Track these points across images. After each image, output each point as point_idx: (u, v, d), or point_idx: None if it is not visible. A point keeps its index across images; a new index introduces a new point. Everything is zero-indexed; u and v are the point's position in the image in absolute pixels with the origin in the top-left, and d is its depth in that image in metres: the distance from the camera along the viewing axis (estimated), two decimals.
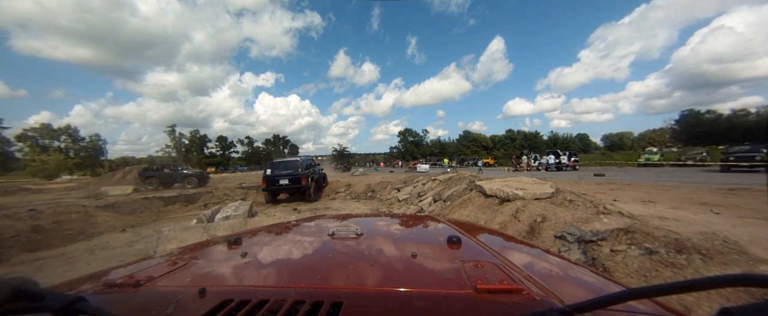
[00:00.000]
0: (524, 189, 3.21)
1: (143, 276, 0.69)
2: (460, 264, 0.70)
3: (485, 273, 0.63)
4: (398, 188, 8.77)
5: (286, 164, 9.32)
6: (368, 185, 10.57)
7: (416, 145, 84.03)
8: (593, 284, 0.76)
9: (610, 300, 0.35)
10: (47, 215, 5.81)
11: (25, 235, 5.00)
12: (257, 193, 12.07)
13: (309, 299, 0.54)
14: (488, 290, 0.55)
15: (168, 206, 8.67)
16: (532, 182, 3.67)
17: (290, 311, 0.51)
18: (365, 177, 17.30)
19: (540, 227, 2.35)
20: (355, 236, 0.99)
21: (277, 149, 73.20)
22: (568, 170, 22.22)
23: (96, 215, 6.49)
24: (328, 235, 1.02)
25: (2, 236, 4.76)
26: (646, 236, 1.85)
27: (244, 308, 0.52)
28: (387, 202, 7.78)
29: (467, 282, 0.59)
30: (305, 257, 0.86)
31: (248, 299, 0.55)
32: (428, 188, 7.28)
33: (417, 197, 7.04)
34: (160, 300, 0.58)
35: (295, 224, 1.39)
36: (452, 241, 0.87)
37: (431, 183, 7.64)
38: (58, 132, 51.11)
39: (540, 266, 0.87)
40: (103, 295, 0.64)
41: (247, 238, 1.09)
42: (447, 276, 0.65)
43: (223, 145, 70.38)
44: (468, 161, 47.96)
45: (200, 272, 0.77)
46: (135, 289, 0.64)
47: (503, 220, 2.78)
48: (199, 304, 0.55)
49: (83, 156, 51.09)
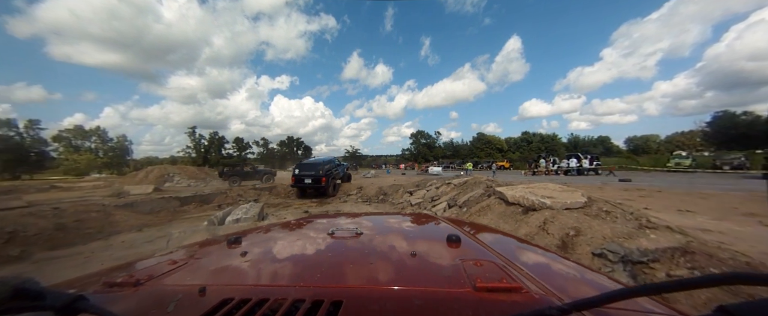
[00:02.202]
0: (552, 197, 2.92)
1: (144, 275, 0.68)
2: (460, 263, 0.70)
3: (484, 272, 0.63)
4: (411, 191, 8.54)
5: (310, 165, 11.14)
6: (380, 188, 10.40)
7: (428, 148, 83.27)
8: (592, 282, 0.76)
9: (608, 298, 0.35)
10: (69, 214, 5.99)
11: (48, 233, 5.16)
12: (270, 194, 12.18)
13: (309, 298, 0.54)
14: (487, 289, 0.55)
15: (183, 206, 8.84)
16: (560, 190, 3.37)
17: (290, 309, 0.51)
18: (377, 179, 17.15)
19: (573, 242, 2.08)
20: (354, 235, 0.98)
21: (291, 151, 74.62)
22: (590, 175, 21.15)
23: (115, 214, 6.67)
24: (328, 234, 1.01)
25: (27, 234, 4.92)
26: (709, 258, 1.55)
27: (245, 307, 0.52)
28: (399, 206, 7.57)
29: (467, 281, 0.59)
30: (305, 256, 0.86)
31: (248, 297, 0.55)
32: (442, 192, 7.02)
33: (430, 201, 6.79)
34: (160, 299, 0.58)
35: (295, 223, 1.37)
36: (452, 240, 0.86)
37: (445, 187, 7.37)
38: (89, 133, 54.29)
39: (539, 264, 0.88)
40: (103, 294, 0.64)
41: (247, 237, 1.08)
42: (446, 275, 0.65)
43: (239, 146, 72.39)
44: (482, 163, 46.84)
45: (200, 271, 0.76)
46: (135, 288, 0.64)
47: (529, 231, 2.52)
48: (199, 303, 0.55)
49: (111, 156, 53.96)
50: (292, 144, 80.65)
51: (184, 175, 22.94)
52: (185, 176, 22.61)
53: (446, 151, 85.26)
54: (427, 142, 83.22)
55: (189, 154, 61.80)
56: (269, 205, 9.26)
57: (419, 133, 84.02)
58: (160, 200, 8.56)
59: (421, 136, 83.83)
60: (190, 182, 21.81)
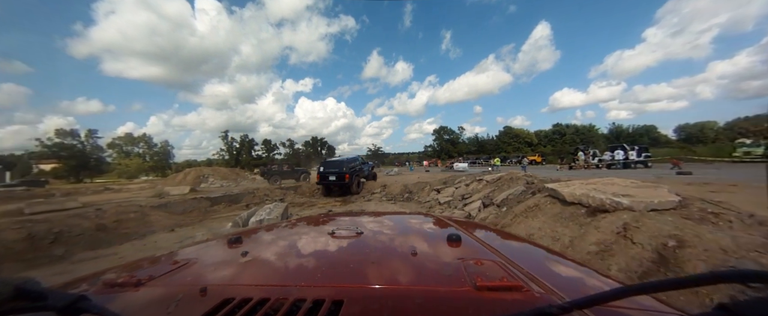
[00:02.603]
0: (629, 195, 2.32)
1: (145, 275, 0.68)
2: (460, 262, 0.70)
3: (485, 271, 0.63)
4: (438, 189, 8.05)
5: (334, 163, 11.58)
6: (405, 186, 10.00)
7: (452, 144, 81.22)
8: (592, 280, 0.76)
9: (608, 296, 0.35)
10: (110, 215, 6.32)
11: (90, 233, 5.43)
12: (295, 193, 12.30)
13: (310, 298, 0.54)
14: (488, 288, 0.55)
15: (214, 206, 9.12)
16: (633, 185, 2.75)
17: (291, 309, 0.51)
18: (400, 177, 16.78)
19: (677, 257, 1.53)
20: (355, 235, 0.97)
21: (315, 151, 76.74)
22: (639, 168, 18.98)
23: (150, 215, 6.96)
24: (328, 234, 1.00)
25: (71, 234, 5.20)
26: None
27: (245, 307, 0.52)
28: (426, 205, 7.13)
29: (467, 280, 0.59)
30: (306, 256, 0.85)
31: (249, 297, 0.55)
32: (473, 189, 6.46)
33: (460, 199, 6.28)
34: (161, 299, 0.59)
35: (296, 222, 1.37)
36: (452, 239, 0.86)
37: (476, 184, 6.80)
38: (137, 140, 59.93)
39: (539, 263, 0.88)
40: (105, 294, 0.64)
41: (247, 237, 1.08)
42: (447, 274, 0.66)
43: (268, 148, 76.03)
44: (510, 158, 44.40)
45: (201, 271, 0.76)
46: (137, 288, 0.64)
47: (602, 239, 1.99)
48: (200, 303, 0.55)
49: (156, 160, 59.07)
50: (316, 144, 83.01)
51: (217, 176, 24.28)
52: (218, 177, 23.91)
53: (471, 147, 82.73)
54: (450, 138, 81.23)
55: (223, 156, 66.27)
56: (294, 204, 9.27)
57: (442, 129, 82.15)
58: (192, 200, 8.90)
59: (444, 132, 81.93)
60: (222, 182, 23.01)
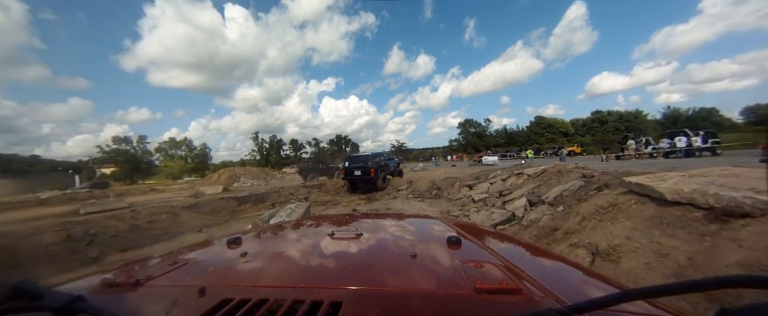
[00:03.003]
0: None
1: (143, 275, 0.67)
2: (460, 264, 0.69)
3: (484, 273, 0.63)
4: (470, 184, 7.35)
5: (359, 158, 11.65)
6: (432, 182, 9.38)
7: (479, 137, 78.09)
8: (593, 284, 0.74)
9: (609, 301, 0.35)
10: (144, 215, 6.51)
11: (123, 234, 5.57)
12: (319, 191, 12.23)
13: (308, 299, 0.54)
14: (487, 291, 0.55)
15: (241, 206, 9.24)
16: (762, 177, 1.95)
17: (289, 310, 0.51)
18: (426, 173, 16.09)
19: None
20: (354, 236, 0.97)
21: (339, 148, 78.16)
22: (706, 156, 16.40)
23: (181, 215, 7.10)
24: (328, 235, 1.01)
25: (106, 236, 5.35)
26: None
27: (244, 308, 0.52)
28: (458, 202, 6.48)
29: (466, 282, 0.59)
30: (305, 257, 0.85)
31: (248, 298, 0.55)
32: (512, 185, 5.70)
33: (498, 196, 5.56)
34: (159, 299, 0.58)
35: (295, 224, 1.37)
36: (452, 241, 0.86)
37: (515, 179, 6.02)
38: (180, 143, 65.21)
39: (539, 266, 0.88)
40: (102, 294, 0.63)
41: (247, 237, 1.08)
42: (446, 276, 0.66)
43: (295, 147, 79.05)
44: (545, 150, 41.30)
45: (200, 271, 0.76)
46: (134, 288, 0.63)
47: (754, 257, 1.32)
48: (198, 303, 0.55)
49: (196, 162, 63.90)
50: (341, 142, 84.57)
51: (248, 175, 25.38)
52: (249, 177, 24.97)
53: (499, 140, 79.04)
54: (476, 131, 78.12)
55: (254, 156, 70.18)
56: (317, 203, 9.09)
57: (467, 122, 79.16)
58: (220, 200, 9.07)
59: (470, 125, 78.89)
60: (253, 181, 23.98)
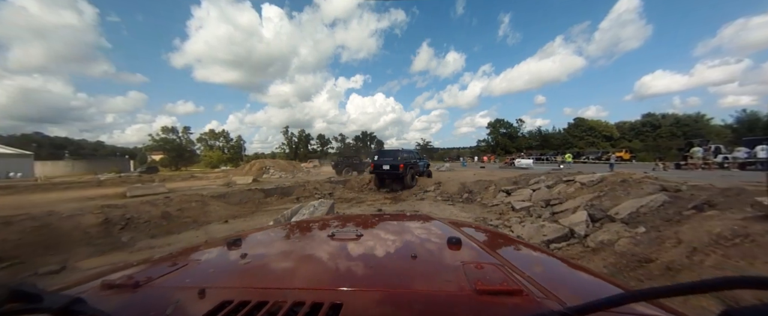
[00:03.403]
0: None
1: (143, 277, 0.67)
2: (460, 265, 0.70)
3: (485, 274, 0.63)
4: (507, 190, 6.61)
5: (389, 152, 12.03)
6: (462, 184, 8.71)
7: (510, 138, 74.06)
8: (594, 285, 0.75)
9: (610, 302, 0.35)
10: (175, 203, 6.69)
11: (155, 221, 5.70)
12: (344, 187, 12.06)
13: (309, 301, 0.53)
14: (488, 292, 0.54)
15: (267, 198, 9.31)
16: None
17: (290, 312, 0.51)
18: (453, 173, 15.29)
19: None
20: (355, 237, 0.96)
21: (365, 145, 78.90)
22: None
23: (210, 204, 7.23)
24: (328, 236, 1.00)
25: (139, 221, 5.51)
26: None
27: (244, 309, 0.52)
28: (494, 209, 5.81)
29: (467, 283, 0.59)
30: (305, 258, 0.85)
31: (248, 300, 0.55)
32: (562, 193, 4.94)
33: (544, 205, 4.84)
34: (159, 301, 0.58)
35: (295, 225, 1.37)
36: (452, 242, 0.86)
37: (564, 186, 5.23)
38: (218, 135, 70.09)
39: (540, 267, 0.86)
40: (102, 296, 0.63)
41: (247, 239, 1.07)
42: (447, 277, 0.65)
43: (322, 142, 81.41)
44: (586, 154, 37.80)
45: (200, 272, 0.76)
46: (134, 290, 0.63)
47: None
48: (198, 305, 0.55)
49: (232, 152, 68.24)
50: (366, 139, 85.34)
51: (277, 167, 26.27)
52: (278, 169, 25.83)
53: (532, 142, 74.42)
54: (507, 131, 74.15)
55: (284, 149, 73.56)
56: (341, 200, 8.86)
57: (497, 121, 75.33)
58: (248, 191, 9.20)
59: (501, 125, 75.02)
60: (281, 173, 24.76)
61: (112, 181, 20.19)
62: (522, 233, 3.71)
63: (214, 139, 69.77)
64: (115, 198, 11.57)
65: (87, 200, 11.28)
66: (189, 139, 66.78)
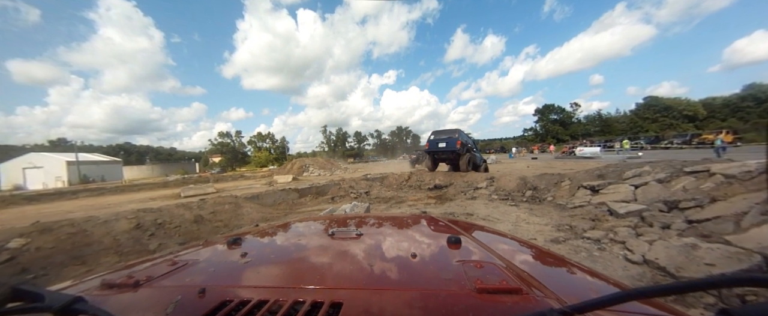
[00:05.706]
0: None
1: (143, 276, 0.68)
2: (460, 264, 0.70)
3: (485, 273, 0.63)
4: (591, 186, 5.04)
5: (444, 131, 11.29)
6: (522, 179, 7.20)
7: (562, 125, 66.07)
8: (593, 284, 0.75)
9: (609, 301, 0.35)
10: (209, 205, 6.49)
11: (186, 225, 5.47)
12: (381, 185, 11.26)
13: (309, 300, 0.54)
14: (488, 291, 0.55)
15: (301, 198, 8.93)
16: None
17: (290, 311, 0.51)
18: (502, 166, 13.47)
19: None
20: (355, 237, 0.97)
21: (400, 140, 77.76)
22: None
23: (243, 206, 6.95)
24: (328, 235, 1.02)
25: (170, 226, 5.29)
26: None
27: (244, 309, 0.52)
28: (580, 212, 4.33)
29: (467, 282, 0.59)
30: (305, 258, 0.85)
31: (248, 299, 0.55)
32: (694, 192, 3.38)
33: (669, 209, 3.35)
34: (159, 300, 0.58)
35: (295, 224, 1.38)
36: (452, 241, 0.86)
37: (695, 181, 3.63)
38: (265, 137, 75.55)
39: (540, 266, 0.88)
40: (102, 295, 0.63)
41: (247, 238, 1.08)
42: (446, 276, 0.65)
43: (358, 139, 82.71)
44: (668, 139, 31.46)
45: (200, 272, 0.76)
46: (135, 289, 0.63)
47: None
48: (198, 304, 0.55)
49: (277, 153, 72.97)
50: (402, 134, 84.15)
51: (316, 166, 26.75)
52: (317, 167, 26.27)
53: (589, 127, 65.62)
54: (559, 117, 66.24)
55: (323, 148, 76.54)
56: (378, 200, 8.02)
57: (546, 107, 67.63)
58: (281, 191, 8.91)
59: (550, 111, 67.21)
60: (320, 171, 25.10)
61: (175, 182, 22.44)
62: (656, 257, 2.36)
63: (262, 141, 75.36)
64: (171, 198, 12.45)
65: (149, 201, 12.33)
66: (241, 142, 73.26)
